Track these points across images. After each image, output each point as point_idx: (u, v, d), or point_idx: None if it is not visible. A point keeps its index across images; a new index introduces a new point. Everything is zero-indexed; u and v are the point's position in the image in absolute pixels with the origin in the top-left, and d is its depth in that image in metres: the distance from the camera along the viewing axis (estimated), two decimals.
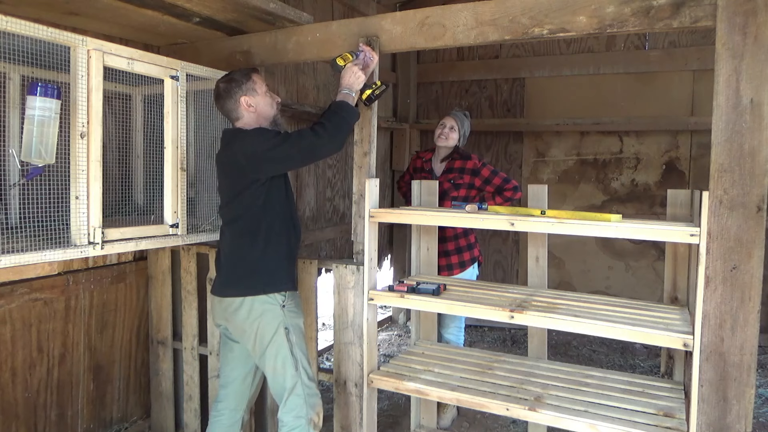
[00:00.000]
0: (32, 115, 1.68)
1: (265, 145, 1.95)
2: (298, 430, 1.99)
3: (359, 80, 2.11)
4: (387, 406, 3.25)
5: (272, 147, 1.95)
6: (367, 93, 2.17)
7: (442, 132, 3.12)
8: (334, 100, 2.09)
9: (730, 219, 1.65)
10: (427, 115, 4.96)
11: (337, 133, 2.00)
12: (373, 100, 2.19)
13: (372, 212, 2.21)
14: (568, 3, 1.88)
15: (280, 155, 1.96)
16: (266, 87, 2.10)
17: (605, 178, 4.46)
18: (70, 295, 2.47)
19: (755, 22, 1.61)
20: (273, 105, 2.12)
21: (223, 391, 2.19)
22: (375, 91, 2.18)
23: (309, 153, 2.00)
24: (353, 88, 2.11)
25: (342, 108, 2.05)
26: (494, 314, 1.99)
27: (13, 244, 1.67)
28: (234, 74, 2.08)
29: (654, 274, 4.33)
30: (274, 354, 2.01)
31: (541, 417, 1.92)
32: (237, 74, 2.07)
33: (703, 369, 1.69)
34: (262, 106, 2.07)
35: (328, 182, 4.01)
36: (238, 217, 2.04)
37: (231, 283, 2.06)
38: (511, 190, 3.03)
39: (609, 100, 4.37)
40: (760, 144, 1.62)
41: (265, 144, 1.95)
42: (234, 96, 2.03)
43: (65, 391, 2.48)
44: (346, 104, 2.06)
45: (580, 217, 1.91)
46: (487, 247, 4.74)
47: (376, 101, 2.22)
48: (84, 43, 1.80)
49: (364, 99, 2.18)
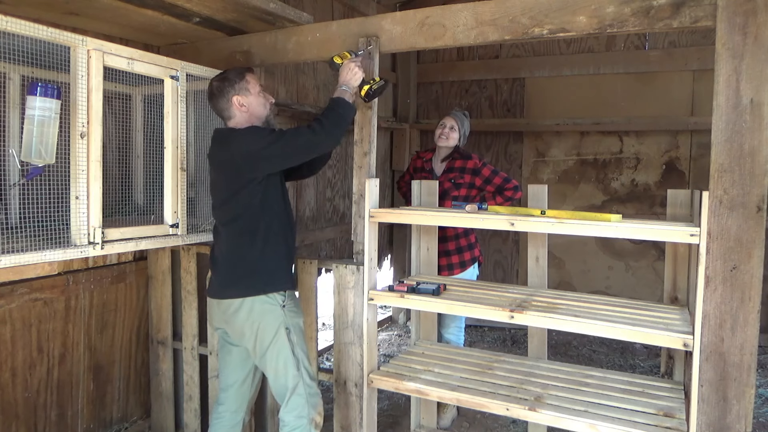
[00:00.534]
0: (32, 115, 1.68)
1: (261, 143, 1.94)
2: (299, 429, 1.99)
3: (356, 77, 2.11)
4: (387, 406, 3.25)
5: (267, 145, 1.94)
6: (365, 89, 2.16)
7: (443, 132, 3.12)
8: (331, 97, 2.08)
9: (730, 219, 1.65)
10: (427, 115, 4.96)
11: (332, 129, 2.00)
12: (372, 95, 2.17)
13: (372, 212, 2.21)
14: (568, 3, 1.88)
15: (275, 153, 1.95)
16: (260, 87, 2.09)
17: (605, 178, 4.46)
18: (70, 295, 2.47)
19: (755, 22, 1.61)
20: (266, 105, 2.11)
21: (223, 394, 2.18)
22: (373, 87, 2.16)
23: (305, 149, 1.99)
24: (350, 85, 2.11)
25: (338, 104, 2.04)
26: (494, 314, 1.99)
27: (13, 244, 1.67)
28: (228, 73, 2.06)
29: (654, 274, 4.33)
30: (275, 355, 2.01)
31: (541, 417, 1.92)
32: (231, 73, 2.06)
33: (703, 369, 1.69)
34: (255, 106, 2.06)
35: (328, 182, 4.00)
36: (236, 216, 2.02)
37: (230, 284, 2.04)
38: (512, 189, 3.03)
39: (609, 100, 4.37)
40: (760, 144, 1.62)
41: (260, 142, 1.95)
42: (226, 95, 2.02)
43: (65, 391, 2.48)
44: (342, 100, 2.06)
45: (580, 217, 1.91)
46: (487, 247, 4.74)
47: (377, 97, 2.20)
48: (84, 43, 1.80)
49: (363, 95, 2.17)
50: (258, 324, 2.00)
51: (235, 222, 2.03)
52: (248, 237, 2.01)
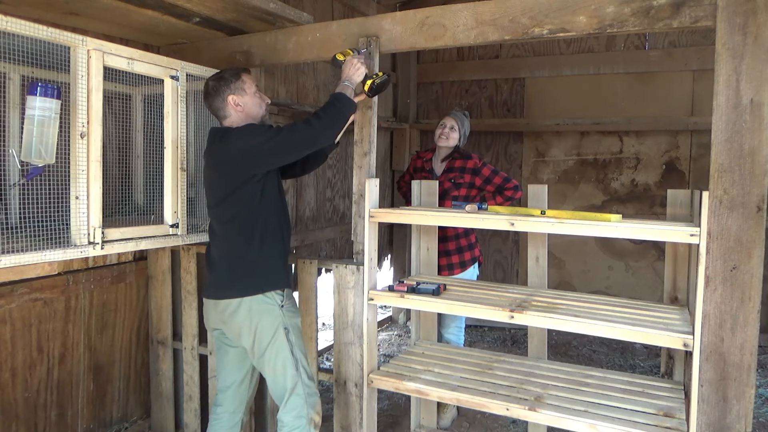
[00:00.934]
0: (32, 115, 1.68)
1: (259, 139, 1.94)
2: (299, 430, 1.99)
3: (359, 72, 2.11)
4: (387, 406, 3.25)
5: (266, 140, 1.93)
6: (368, 83, 2.15)
7: (443, 132, 3.12)
8: (333, 92, 2.08)
9: (730, 219, 1.65)
10: (427, 115, 4.96)
11: (331, 124, 2.00)
12: (375, 90, 2.17)
13: (372, 212, 2.21)
14: (568, 3, 1.88)
15: (274, 148, 1.94)
16: (256, 87, 2.09)
17: (605, 178, 4.46)
18: (70, 295, 2.47)
19: (755, 22, 1.61)
20: (261, 105, 2.10)
21: (221, 395, 2.17)
22: (376, 81, 2.16)
23: (303, 144, 1.98)
24: (353, 80, 2.10)
25: (338, 99, 2.04)
26: (494, 314, 1.99)
27: (13, 244, 1.67)
28: (224, 73, 2.06)
29: (654, 274, 4.33)
30: (274, 355, 2.00)
31: (541, 417, 1.92)
32: (227, 73, 2.05)
33: (703, 369, 1.69)
34: (250, 106, 2.05)
35: (328, 182, 4.00)
36: (234, 215, 2.00)
37: (228, 285, 2.03)
38: (512, 189, 3.03)
39: (609, 100, 4.37)
40: (760, 144, 1.62)
41: (258, 138, 1.94)
42: (222, 94, 2.01)
43: (65, 391, 2.48)
44: (342, 95, 2.05)
45: (580, 217, 1.91)
46: (487, 247, 4.74)
47: (381, 92, 2.20)
48: (84, 43, 1.80)
49: (366, 90, 2.17)
50: (256, 324, 1.99)
51: (233, 221, 2.01)
52: (246, 236, 2.00)
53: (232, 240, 2.03)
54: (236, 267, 2.02)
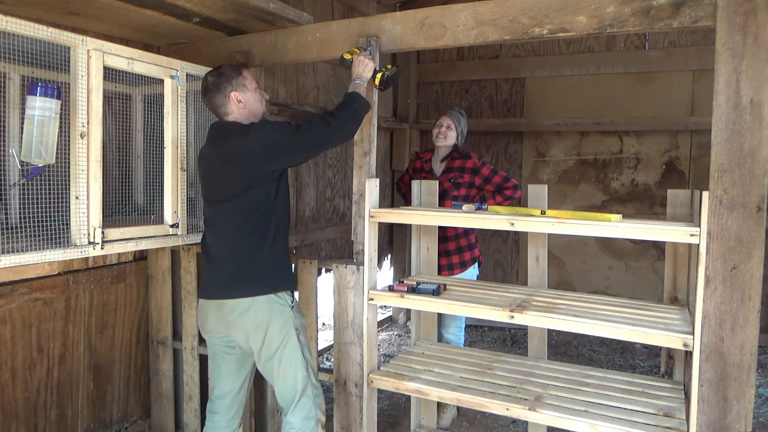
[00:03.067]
0: (32, 115, 1.68)
1: (280, 135, 1.91)
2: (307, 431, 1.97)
3: (368, 68, 2.13)
4: (387, 406, 3.25)
5: (288, 136, 1.91)
6: (378, 77, 2.17)
7: (440, 131, 3.13)
8: (347, 92, 2.09)
9: (730, 219, 1.65)
10: (427, 115, 4.96)
11: (347, 123, 2.01)
12: (386, 82, 2.18)
13: (372, 212, 2.21)
14: (568, 3, 1.88)
15: (296, 144, 1.92)
16: (256, 84, 2.06)
17: (605, 178, 4.46)
18: (70, 295, 2.47)
19: (755, 22, 1.61)
20: (262, 102, 2.07)
21: (219, 402, 2.10)
22: (386, 74, 2.17)
23: (321, 143, 1.98)
24: (364, 77, 2.12)
25: (353, 99, 2.05)
26: (494, 314, 1.99)
27: (13, 244, 1.67)
28: (223, 68, 2.01)
29: (654, 274, 4.33)
30: (285, 357, 1.95)
31: (541, 417, 1.92)
32: (226, 68, 2.00)
33: (703, 369, 1.69)
34: (252, 103, 2.01)
35: (328, 182, 4.00)
36: (249, 213, 1.93)
37: (236, 284, 1.95)
38: (512, 188, 3.03)
39: (609, 100, 4.37)
40: (760, 144, 1.62)
41: (280, 133, 1.92)
42: (223, 90, 1.96)
43: (65, 391, 2.48)
44: (357, 95, 2.07)
45: (580, 217, 1.91)
46: (487, 247, 4.74)
47: (392, 84, 2.21)
48: (84, 43, 1.80)
49: (377, 84, 2.18)
50: (268, 325, 1.93)
51: (247, 218, 1.93)
52: (260, 234, 1.94)
53: (243, 238, 1.94)
54: (246, 266, 1.95)
